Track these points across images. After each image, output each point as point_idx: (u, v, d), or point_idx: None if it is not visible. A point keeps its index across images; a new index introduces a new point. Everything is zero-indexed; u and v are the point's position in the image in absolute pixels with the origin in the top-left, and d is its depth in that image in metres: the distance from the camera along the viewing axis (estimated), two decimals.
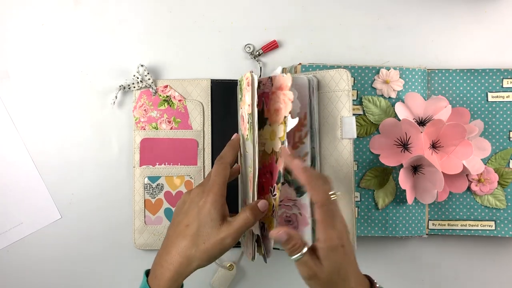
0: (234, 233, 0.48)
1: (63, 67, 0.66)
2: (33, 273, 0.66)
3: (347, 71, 0.57)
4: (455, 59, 0.67)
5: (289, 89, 0.52)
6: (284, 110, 0.53)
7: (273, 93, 0.56)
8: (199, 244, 0.48)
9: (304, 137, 0.57)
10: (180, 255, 0.48)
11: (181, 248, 0.48)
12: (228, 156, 0.53)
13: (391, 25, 0.68)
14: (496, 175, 0.64)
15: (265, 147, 0.57)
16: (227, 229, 0.48)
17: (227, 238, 0.48)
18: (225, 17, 0.67)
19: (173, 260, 0.48)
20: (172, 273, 0.48)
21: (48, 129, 0.66)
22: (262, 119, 0.57)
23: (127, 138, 0.66)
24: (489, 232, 0.64)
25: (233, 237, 0.48)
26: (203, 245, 0.47)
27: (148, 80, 0.64)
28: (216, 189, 0.49)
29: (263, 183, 0.57)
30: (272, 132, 0.55)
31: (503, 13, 0.68)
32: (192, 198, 0.51)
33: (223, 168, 0.51)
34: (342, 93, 0.58)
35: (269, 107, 0.56)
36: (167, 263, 0.48)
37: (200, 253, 0.48)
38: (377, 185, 0.64)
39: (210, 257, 0.48)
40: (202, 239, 0.48)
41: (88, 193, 0.66)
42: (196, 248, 0.48)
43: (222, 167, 0.51)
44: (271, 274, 0.67)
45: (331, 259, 0.46)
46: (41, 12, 0.66)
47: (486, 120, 0.65)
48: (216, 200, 0.48)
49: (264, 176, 0.57)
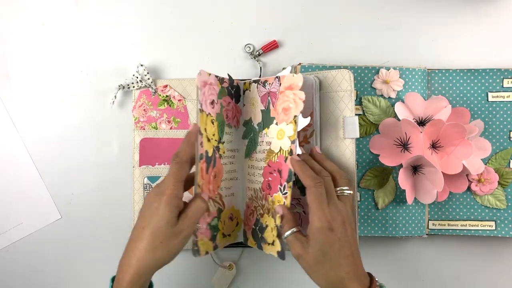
0: (191, 221, 0.49)
1: (63, 67, 0.66)
2: (33, 273, 0.66)
3: (349, 72, 0.57)
4: (455, 59, 0.67)
5: (300, 89, 0.54)
6: (294, 110, 0.54)
7: (281, 92, 0.56)
8: (156, 244, 0.48)
9: (309, 136, 0.58)
10: (137, 257, 0.48)
11: (138, 250, 0.48)
12: (184, 153, 0.51)
13: (391, 25, 0.68)
14: (496, 175, 0.64)
15: (271, 146, 0.58)
16: (182, 223, 0.49)
17: (183, 230, 0.49)
18: (225, 17, 0.67)
19: (131, 263, 0.49)
20: (131, 275, 0.48)
21: (48, 129, 0.66)
22: (268, 118, 0.58)
23: (126, 138, 0.66)
24: (489, 232, 0.64)
25: (191, 226, 0.49)
26: (160, 244, 0.48)
27: (148, 80, 0.64)
28: (169, 191, 0.49)
29: (270, 182, 0.57)
30: (280, 131, 0.56)
31: (503, 13, 0.68)
32: (148, 200, 0.50)
33: (178, 168, 0.50)
34: (345, 93, 0.58)
35: (276, 107, 0.57)
36: (126, 266, 0.49)
37: (159, 252, 0.48)
38: (377, 185, 0.64)
39: (170, 252, 0.49)
40: (158, 239, 0.48)
41: (88, 193, 0.66)
42: (154, 249, 0.48)
43: (177, 166, 0.50)
44: (272, 274, 0.67)
45: (316, 240, 0.49)
46: (41, 12, 0.66)
47: (486, 120, 0.64)
48: (169, 202, 0.48)
49: (271, 175, 0.57)
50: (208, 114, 0.56)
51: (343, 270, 0.49)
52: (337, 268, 0.49)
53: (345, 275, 0.49)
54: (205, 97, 0.56)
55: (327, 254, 0.49)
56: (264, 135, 0.59)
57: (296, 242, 0.51)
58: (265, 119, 0.59)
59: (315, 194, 0.51)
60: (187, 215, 0.49)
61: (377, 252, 0.67)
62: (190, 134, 0.52)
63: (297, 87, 0.54)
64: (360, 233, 0.63)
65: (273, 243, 0.56)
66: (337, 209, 0.51)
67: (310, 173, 0.52)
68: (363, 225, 0.64)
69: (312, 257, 0.50)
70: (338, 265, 0.49)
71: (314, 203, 0.50)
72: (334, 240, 0.49)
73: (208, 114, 0.56)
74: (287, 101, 0.55)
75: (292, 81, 0.55)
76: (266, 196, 0.58)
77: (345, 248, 0.50)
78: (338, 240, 0.50)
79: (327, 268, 0.50)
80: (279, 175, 0.56)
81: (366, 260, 0.55)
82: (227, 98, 0.60)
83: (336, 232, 0.50)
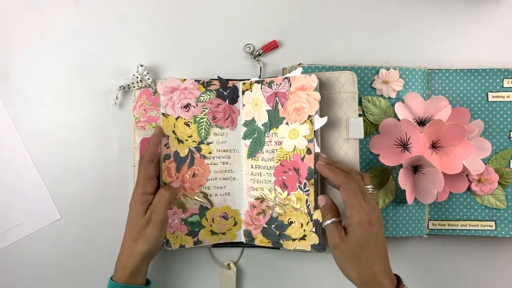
0: (156, 208, 0.56)
1: (63, 67, 0.66)
2: (33, 273, 0.66)
3: (353, 73, 0.58)
4: (455, 59, 0.67)
5: (314, 89, 0.57)
6: (308, 110, 0.57)
7: (291, 93, 0.59)
8: (134, 235, 0.56)
9: None
10: (124, 247, 0.57)
11: (125, 244, 0.57)
12: (147, 155, 0.57)
13: (391, 25, 0.68)
14: (496, 175, 0.64)
15: (282, 145, 0.60)
16: (149, 212, 0.56)
17: (153, 215, 0.56)
18: (225, 17, 0.67)
19: (123, 252, 0.57)
20: (122, 263, 0.56)
21: (48, 129, 0.66)
22: (276, 118, 0.60)
23: (127, 138, 0.66)
24: (489, 232, 0.64)
25: (157, 212, 0.56)
26: (137, 234, 0.56)
27: (148, 80, 0.64)
28: (138, 189, 0.57)
29: (284, 181, 0.60)
30: (293, 130, 0.59)
31: (503, 13, 0.68)
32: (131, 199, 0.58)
33: (143, 168, 0.57)
34: (348, 95, 0.58)
35: (286, 107, 0.59)
36: (119, 261, 0.57)
37: (139, 242, 0.56)
38: (377, 185, 0.64)
39: (148, 240, 0.56)
40: (135, 231, 0.56)
41: (88, 193, 0.66)
42: (135, 239, 0.56)
43: (143, 167, 0.57)
44: (272, 273, 0.67)
45: (356, 233, 0.50)
46: (41, 12, 0.66)
47: (486, 120, 0.64)
48: (138, 198, 0.56)
49: (286, 174, 0.60)
50: (178, 117, 0.61)
51: (377, 265, 0.50)
52: (373, 262, 0.50)
53: (378, 271, 0.50)
54: (172, 101, 0.61)
55: (364, 248, 0.50)
56: (272, 135, 0.61)
57: (335, 231, 0.52)
58: (272, 119, 0.61)
59: (351, 189, 0.52)
60: (152, 204, 0.56)
61: None
62: (153, 137, 0.59)
63: (311, 88, 0.57)
64: None
65: (304, 237, 0.58)
66: (372, 205, 0.52)
67: (341, 172, 0.54)
68: None
69: (349, 249, 0.50)
70: (373, 259, 0.50)
71: (351, 198, 0.51)
72: (372, 234, 0.50)
73: (178, 117, 0.61)
74: (300, 101, 0.58)
75: (305, 82, 0.57)
76: (289, 193, 0.59)
77: (380, 244, 0.51)
78: (375, 234, 0.51)
79: (363, 261, 0.50)
80: (296, 173, 0.59)
81: None
82: (216, 100, 0.62)
83: (374, 226, 0.51)
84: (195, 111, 0.62)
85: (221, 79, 0.63)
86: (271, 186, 0.61)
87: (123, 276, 0.56)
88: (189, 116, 0.62)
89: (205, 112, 0.62)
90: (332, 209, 0.54)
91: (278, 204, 0.60)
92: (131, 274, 0.56)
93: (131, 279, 0.56)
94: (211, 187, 0.63)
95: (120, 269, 0.56)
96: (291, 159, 0.59)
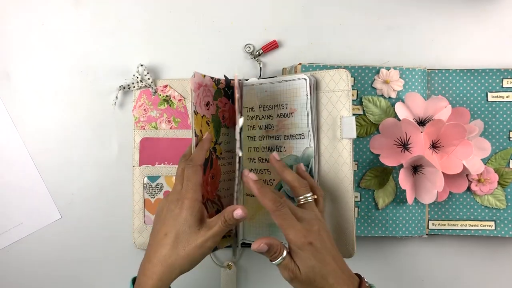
0: (212, 237, 0.49)
1: (63, 67, 0.66)
2: (33, 273, 0.66)
3: (346, 71, 0.57)
4: (455, 59, 0.67)
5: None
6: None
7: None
8: (179, 251, 0.48)
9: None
10: (161, 264, 0.49)
11: (162, 257, 0.49)
12: (198, 158, 0.53)
13: (391, 25, 0.68)
14: (496, 175, 0.64)
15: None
16: (205, 233, 0.49)
17: (206, 241, 0.49)
18: (225, 17, 0.67)
19: (155, 269, 0.49)
20: (154, 281, 0.48)
21: (48, 129, 0.66)
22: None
23: (127, 138, 0.66)
24: (489, 232, 0.64)
25: (212, 240, 0.49)
26: (183, 251, 0.48)
27: (148, 80, 0.64)
28: (190, 194, 0.50)
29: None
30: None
31: (503, 13, 0.68)
32: (168, 205, 0.51)
33: (194, 172, 0.51)
34: (342, 93, 0.58)
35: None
36: (150, 272, 0.49)
37: (181, 259, 0.48)
38: (377, 185, 0.64)
39: (192, 262, 0.49)
40: (182, 246, 0.48)
41: (88, 193, 0.66)
42: (177, 256, 0.48)
43: (193, 170, 0.51)
44: (272, 273, 0.67)
45: (301, 258, 0.48)
46: (41, 12, 0.66)
47: (486, 120, 0.64)
48: (191, 206, 0.49)
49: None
50: (203, 115, 0.56)
51: (330, 278, 0.49)
52: (326, 277, 0.48)
53: (334, 282, 0.49)
54: (200, 99, 0.56)
55: (314, 269, 0.48)
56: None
57: (290, 265, 0.49)
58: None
59: (281, 215, 0.49)
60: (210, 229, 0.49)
61: (377, 252, 0.67)
62: (204, 141, 0.54)
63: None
64: (360, 233, 0.63)
65: None
66: (307, 221, 0.50)
67: (270, 196, 0.50)
68: (363, 225, 0.64)
69: (304, 277, 0.48)
70: (327, 274, 0.48)
71: (283, 224, 0.49)
72: (315, 253, 0.48)
73: (203, 116, 0.56)
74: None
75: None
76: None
77: (327, 256, 0.49)
78: (318, 251, 0.49)
79: (319, 281, 0.48)
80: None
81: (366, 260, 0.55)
82: (224, 99, 0.61)
83: (314, 244, 0.49)
84: (212, 109, 0.59)
85: (227, 78, 0.62)
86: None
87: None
88: (209, 114, 0.58)
89: (218, 111, 0.60)
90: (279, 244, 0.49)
91: None
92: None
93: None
94: (221, 189, 0.61)
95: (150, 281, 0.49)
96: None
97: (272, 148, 0.61)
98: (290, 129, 0.60)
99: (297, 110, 0.59)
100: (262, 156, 0.62)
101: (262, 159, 0.62)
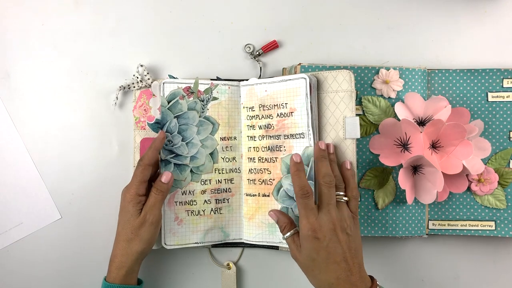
0: (150, 209, 0.56)
1: (63, 67, 0.66)
2: (33, 273, 0.66)
3: (350, 72, 0.58)
4: (455, 59, 0.67)
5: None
6: None
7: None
8: (128, 235, 0.56)
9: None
10: (118, 248, 0.57)
11: (118, 245, 0.57)
12: (147, 158, 0.57)
13: (391, 25, 0.68)
14: (496, 175, 0.64)
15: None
16: (144, 211, 0.56)
17: (145, 215, 0.56)
18: (225, 17, 0.67)
19: (116, 253, 0.57)
20: (116, 264, 0.56)
21: (48, 129, 0.66)
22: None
23: (127, 138, 0.66)
24: (489, 232, 0.64)
25: (150, 213, 0.56)
26: (132, 234, 0.56)
27: (148, 80, 0.64)
28: (132, 190, 0.56)
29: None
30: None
31: (503, 13, 0.68)
32: (121, 200, 0.58)
33: (141, 171, 0.57)
34: (345, 94, 0.58)
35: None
36: (113, 257, 0.57)
37: (133, 242, 0.56)
38: (377, 185, 0.64)
39: (142, 240, 0.56)
40: (129, 231, 0.56)
41: (88, 193, 0.66)
42: (129, 240, 0.56)
43: (140, 169, 0.57)
44: (272, 273, 0.67)
45: (304, 246, 0.53)
46: (41, 12, 0.66)
47: (486, 120, 0.64)
48: (131, 199, 0.56)
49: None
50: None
51: (332, 276, 0.51)
52: (326, 273, 0.51)
53: (334, 281, 0.51)
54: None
55: (315, 260, 0.52)
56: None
57: (293, 244, 0.54)
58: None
59: (301, 204, 0.54)
60: (146, 205, 0.56)
61: (377, 252, 0.67)
62: (155, 141, 0.58)
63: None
64: (360, 233, 0.63)
65: None
66: (328, 217, 0.53)
67: (300, 182, 0.55)
68: (363, 225, 0.64)
69: (303, 261, 0.53)
70: (326, 270, 0.51)
71: (300, 212, 0.54)
72: (320, 248, 0.52)
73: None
74: None
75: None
76: None
77: (335, 255, 0.51)
78: (325, 247, 0.51)
79: (316, 273, 0.52)
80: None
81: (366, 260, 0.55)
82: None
83: (322, 240, 0.52)
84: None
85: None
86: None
87: (118, 276, 0.56)
88: None
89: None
90: (287, 222, 0.56)
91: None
92: (126, 274, 0.56)
93: (126, 279, 0.56)
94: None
95: (114, 269, 0.56)
96: None
97: (272, 148, 0.61)
98: (290, 128, 0.60)
99: (297, 109, 0.59)
100: (262, 156, 0.62)
101: (262, 158, 0.62)
